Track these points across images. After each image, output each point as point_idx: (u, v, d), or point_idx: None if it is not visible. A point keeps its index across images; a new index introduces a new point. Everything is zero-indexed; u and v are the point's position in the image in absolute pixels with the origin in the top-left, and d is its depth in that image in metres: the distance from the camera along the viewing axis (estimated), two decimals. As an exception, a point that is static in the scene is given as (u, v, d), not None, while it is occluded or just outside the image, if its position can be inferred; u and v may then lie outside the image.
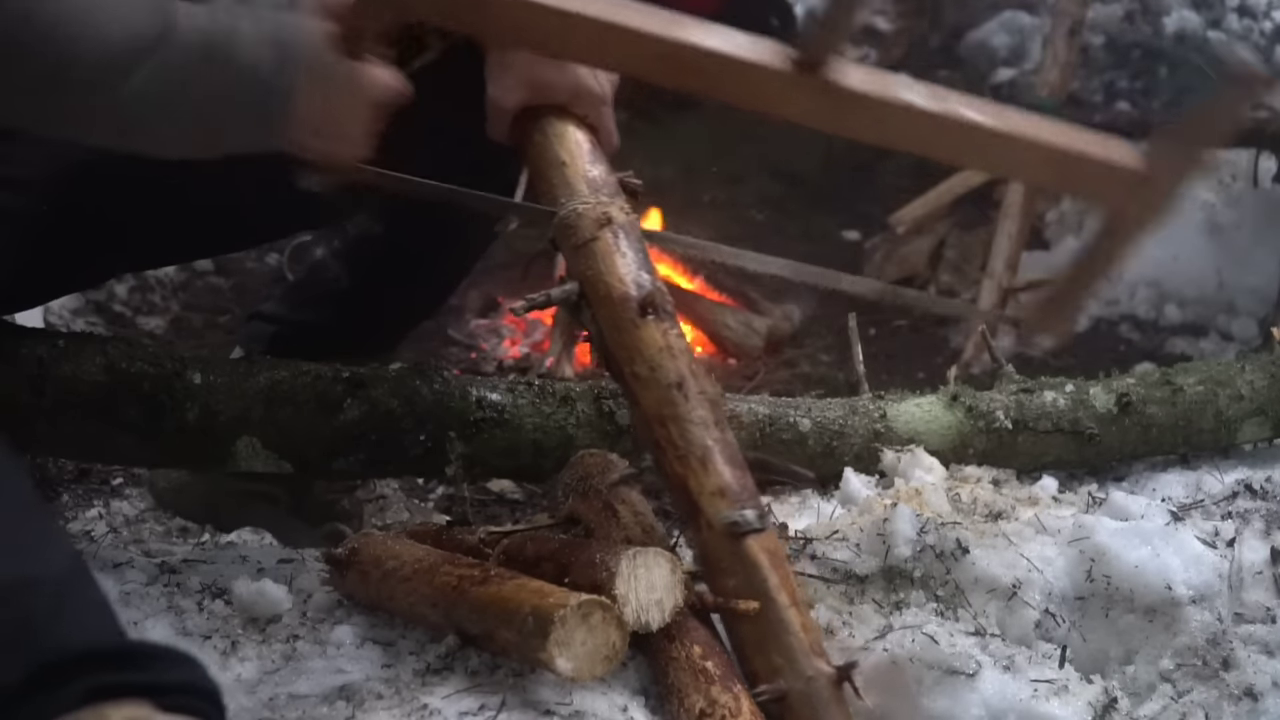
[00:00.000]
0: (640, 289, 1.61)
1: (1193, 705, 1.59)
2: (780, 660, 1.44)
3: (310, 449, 1.86)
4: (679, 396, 1.56)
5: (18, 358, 1.75)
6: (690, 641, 1.47)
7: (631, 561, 1.46)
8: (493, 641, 1.47)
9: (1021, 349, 3.40)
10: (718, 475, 1.52)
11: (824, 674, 1.43)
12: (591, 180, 1.71)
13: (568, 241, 1.67)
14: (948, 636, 1.58)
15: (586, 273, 1.64)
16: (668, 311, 1.62)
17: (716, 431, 1.55)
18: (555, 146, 1.74)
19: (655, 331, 1.59)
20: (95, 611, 1.19)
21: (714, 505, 1.50)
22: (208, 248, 2.36)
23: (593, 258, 1.64)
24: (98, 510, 2.19)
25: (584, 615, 1.39)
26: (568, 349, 3.14)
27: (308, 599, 1.72)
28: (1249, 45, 4.52)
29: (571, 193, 1.69)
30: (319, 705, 1.48)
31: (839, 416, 1.97)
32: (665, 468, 1.55)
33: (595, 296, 1.63)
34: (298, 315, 2.12)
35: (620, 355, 1.60)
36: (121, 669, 1.12)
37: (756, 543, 1.49)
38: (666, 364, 1.57)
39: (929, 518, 1.74)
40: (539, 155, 1.75)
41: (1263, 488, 1.94)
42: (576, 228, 1.66)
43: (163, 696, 1.10)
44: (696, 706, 1.41)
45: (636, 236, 1.68)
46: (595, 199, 1.68)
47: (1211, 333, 3.67)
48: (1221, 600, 1.69)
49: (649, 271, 1.65)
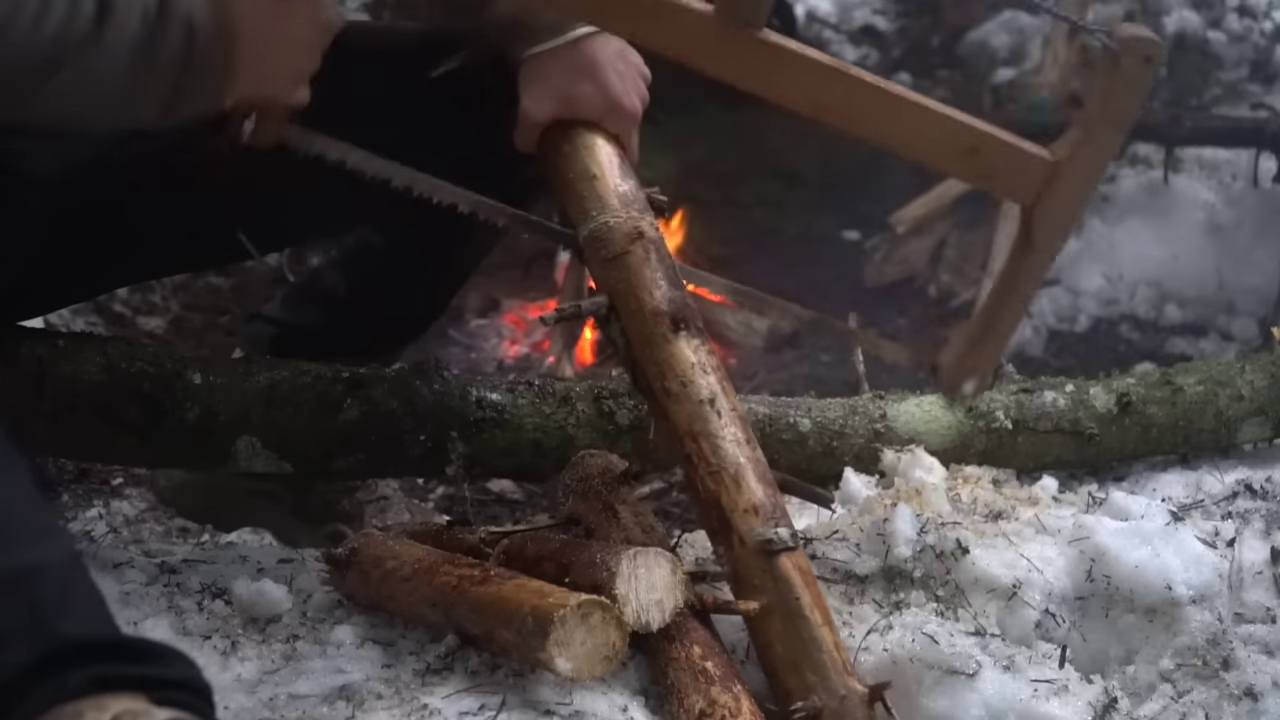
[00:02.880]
0: (672, 304, 1.63)
1: (1193, 705, 1.59)
2: (814, 678, 1.45)
3: (310, 449, 1.86)
4: (711, 413, 1.57)
5: (18, 358, 1.75)
6: (690, 642, 1.48)
7: (632, 562, 1.46)
8: (492, 641, 1.47)
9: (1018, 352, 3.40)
10: (750, 492, 1.53)
11: (856, 693, 1.45)
12: (623, 195, 1.71)
13: (598, 254, 1.67)
14: (948, 636, 1.58)
15: (617, 286, 1.65)
16: (699, 328, 1.63)
17: (749, 449, 1.57)
18: (586, 159, 1.73)
19: (687, 347, 1.60)
20: (94, 601, 1.20)
21: (747, 522, 1.52)
22: (215, 259, 2.35)
23: (624, 271, 1.65)
24: (98, 510, 2.19)
25: (584, 615, 1.39)
26: (568, 349, 3.15)
27: (308, 599, 1.72)
28: (1249, 45, 4.52)
29: (603, 206, 1.69)
30: (319, 705, 1.48)
31: (839, 416, 1.97)
32: (697, 483, 1.56)
33: (626, 310, 1.64)
34: (300, 319, 2.12)
35: (651, 370, 1.61)
36: (122, 661, 1.13)
37: (789, 560, 1.50)
38: (699, 380, 1.59)
39: (929, 518, 1.74)
40: (568, 167, 1.74)
41: (1263, 488, 1.94)
42: (607, 241, 1.67)
43: (158, 691, 1.11)
44: (696, 707, 1.41)
45: (666, 252, 1.68)
46: (626, 213, 1.68)
47: (1211, 333, 3.66)
48: (1221, 600, 1.69)
49: (679, 287, 1.65)
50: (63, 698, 1.09)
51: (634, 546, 1.51)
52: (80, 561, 1.23)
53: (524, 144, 1.77)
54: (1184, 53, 4.48)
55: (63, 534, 1.27)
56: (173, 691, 1.13)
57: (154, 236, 1.83)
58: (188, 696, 1.14)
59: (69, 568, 1.19)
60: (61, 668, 1.11)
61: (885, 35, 5.11)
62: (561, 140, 1.76)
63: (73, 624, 1.14)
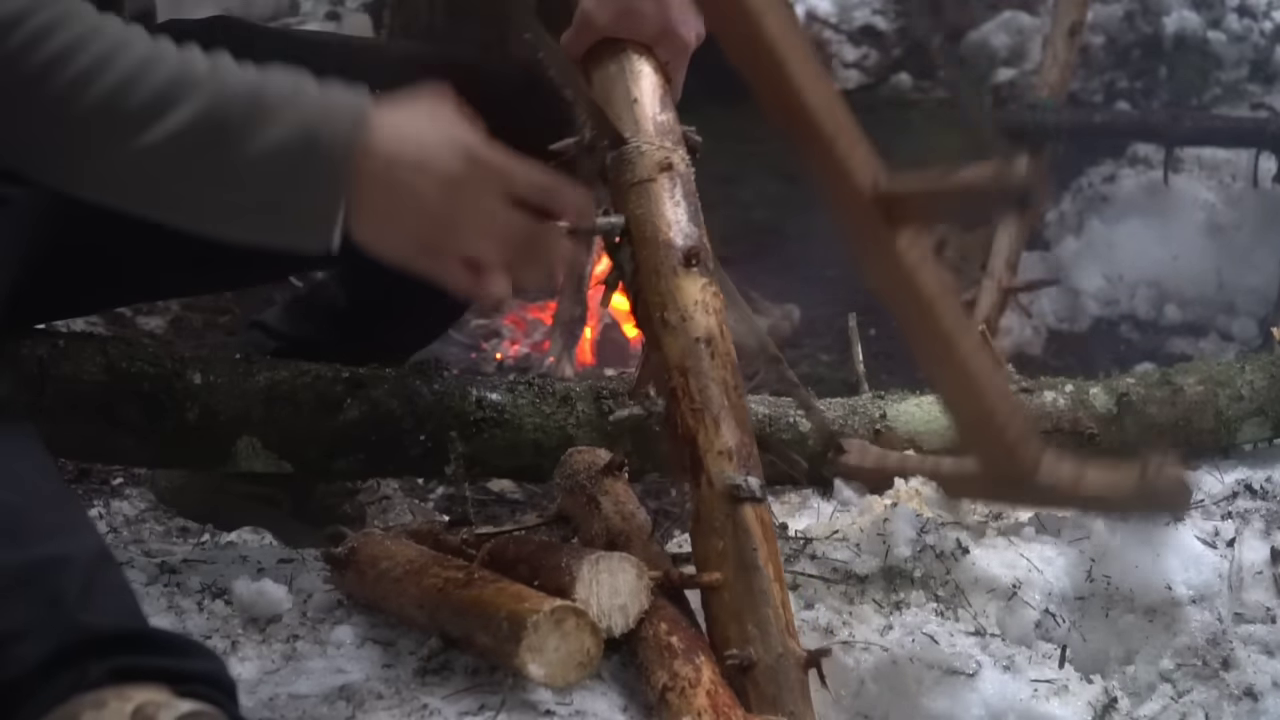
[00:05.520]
0: (688, 239, 1.61)
1: (1193, 705, 1.59)
2: (754, 630, 1.44)
3: (310, 449, 1.86)
4: (705, 352, 1.55)
5: (18, 358, 1.75)
6: (658, 620, 1.47)
7: (594, 566, 1.46)
8: (472, 645, 1.48)
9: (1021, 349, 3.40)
10: (727, 437, 1.52)
11: (794, 654, 1.43)
12: (660, 124, 1.68)
13: (622, 177, 1.65)
14: (948, 636, 1.58)
15: (636, 211, 1.62)
16: (709, 269, 1.61)
17: (735, 395, 1.55)
18: (629, 81, 1.70)
19: (694, 284, 1.58)
20: (120, 595, 1.21)
21: (719, 464, 1.50)
22: (210, 284, 2.34)
23: (645, 198, 1.62)
24: (98, 510, 2.19)
25: (557, 621, 1.39)
26: (568, 349, 3.15)
27: (308, 599, 1.72)
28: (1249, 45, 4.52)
29: (638, 130, 1.67)
30: (319, 705, 1.48)
31: (839, 416, 1.97)
32: (676, 418, 1.54)
33: (640, 236, 1.61)
34: (299, 331, 2.11)
35: (653, 300, 1.59)
36: (144, 652, 1.13)
37: (753, 511, 1.49)
38: (699, 318, 1.57)
39: (929, 518, 1.74)
40: (611, 86, 1.71)
41: (1263, 488, 1.94)
42: (636, 165, 1.64)
43: (181, 684, 1.12)
44: (660, 681, 1.41)
45: (693, 189, 1.66)
46: (660, 142, 1.66)
47: (1211, 333, 3.66)
48: (1221, 600, 1.69)
49: (698, 225, 1.63)
50: (84, 687, 1.09)
51: (597, 551, 1.50)
52: (107, 555, 1.24)
53: (576, 48, 1.74)
54: (1184, 53, 4.48)
55: (88, 529, 1.28)
56: (196, 685, 1.13)
57: (153, 262, 1.81)
58: (211, 690, 1.14)
59: (94, 562, 1.20)
60: (83, 658, 1.11)
61: (885, 35, 5.11)
62: (609, 59, 1.73)
63: (96, 616, 1.14)
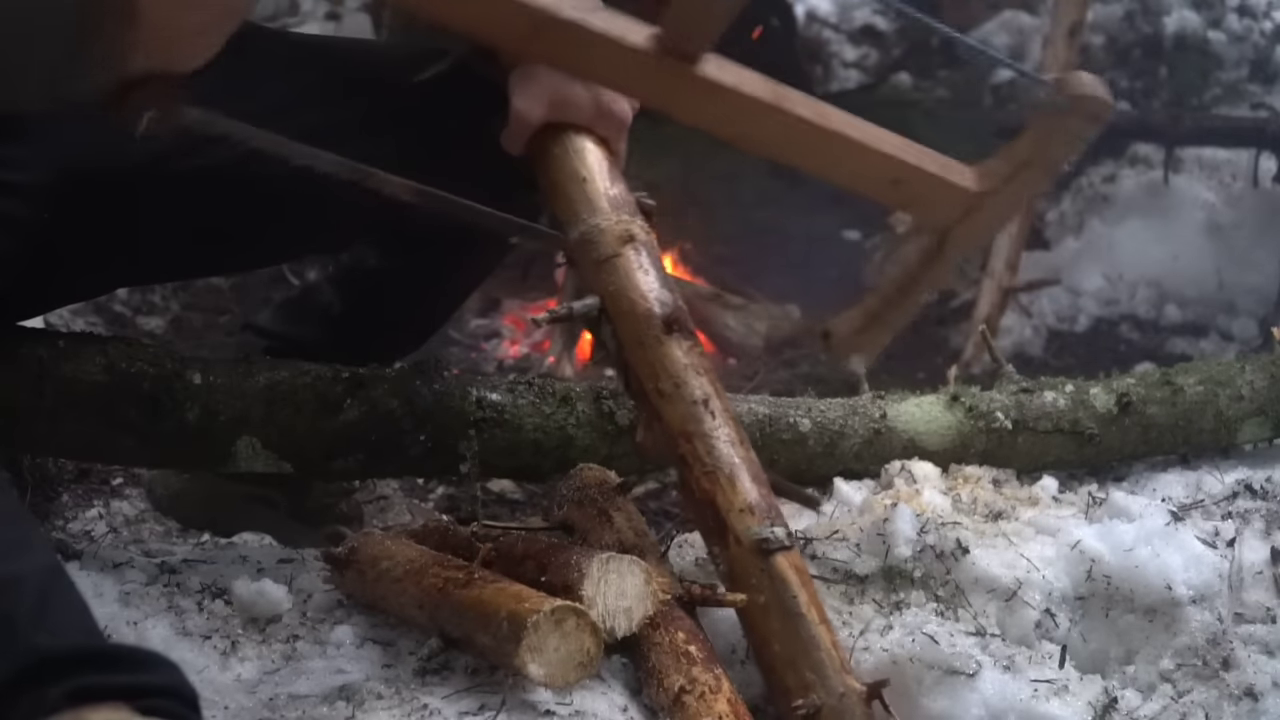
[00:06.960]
0: (664, 306, 1.63)
1: (1193, 705, 1.59)
2: (812, 676, 1.46)
3: (310, 449, 1.85)
4: (705, 414, 1.57)
5: (18, 358, 1.75)
6: (675, 629, 1.49)
7: (604, 566, 1.47)
8: (472, 645, 1.48)
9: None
10: (746, 492, 1.54)
11: (855, 690, 1.45)
12: (613, 198, 1.71)
13: (588, 256, 1.67)
14: (948, 636, 1.58)
15: (608, 288, 1.65)
16: (689, 330, 1.63)
17: (742, 449, 1.57)
18: (575, 162, 1.73)
19: (679, 349, 1.61)
20: (75, 611, 1.19)
21: (743, 522, 1.52)
22: (212, 266, 2.34)
23: (615, 274, 1.65)
24: (98, 510, 2.19)
25: (557, 621, 1.39)
26: (568, 349, 3.15)
27: (308, 599, 1.72)
28: (1249, 45, 4.52)
29: (593, 209, 1.69)
30: (319, 705, 1.48)
31: (839, 416, 1.97)
32: (691, 484, 1.56)
33: (617, 311, 1.64)
34: (293, 332, 2.11)
35: (643, 371, 1.61)
36: (102, 671, 1.11)
37: (785, 559, 1.51)
38: (692, 381, 1.59)
39: (929, 518, 1.74)
40: (558, 169, 1.74)
41: (1263, 488, 1.94)
42: (598, 243, 1.67)
43: (142, 699, 1.10)
44: (676, 685, 1.42)
45: (657, 255, 1.69)
46: (617, 216, 1.68)
47: (1211, 333, 3.67)
48: (1221, 600, 1.69)
49: (671, 290, 1.66)
50: (43, 712, 1.07)
51: (609, 552, 1.51)
52: (60, 571, 1.22)
53: (513, 145, 1.76)
54: (1184, 53, 4.48)
55: (39, 545, 1.25)
56: (157, 699, 1.11)
57: (148, 246, 1.82)
58: (172, 704, 1.13)
59: (46, 579, 1.17)
60: (39, 681, 1.09)
61: (885, 35, 5.11)
62: (551, 143, 1.75)
63: (51, 636, 1.12)
